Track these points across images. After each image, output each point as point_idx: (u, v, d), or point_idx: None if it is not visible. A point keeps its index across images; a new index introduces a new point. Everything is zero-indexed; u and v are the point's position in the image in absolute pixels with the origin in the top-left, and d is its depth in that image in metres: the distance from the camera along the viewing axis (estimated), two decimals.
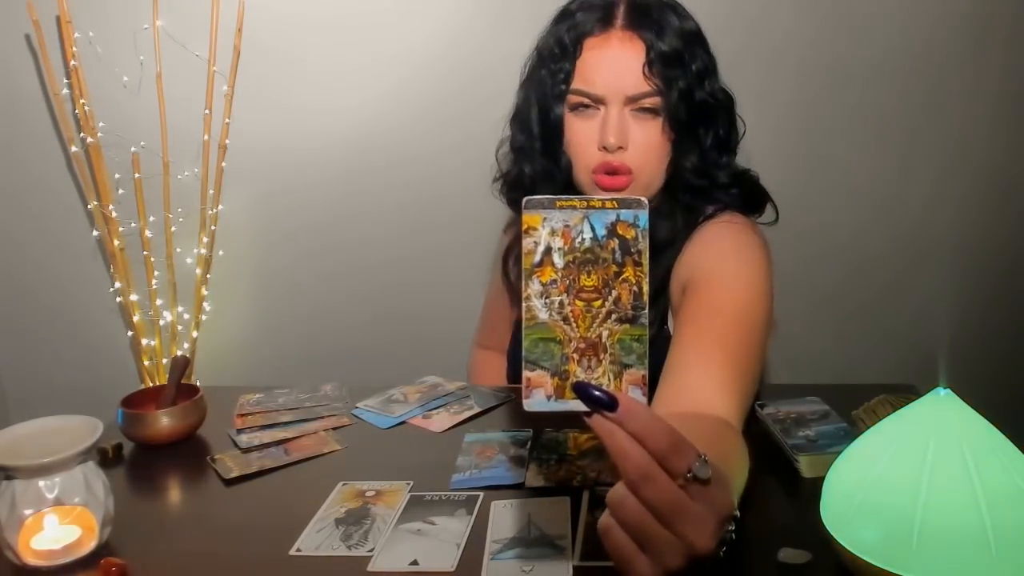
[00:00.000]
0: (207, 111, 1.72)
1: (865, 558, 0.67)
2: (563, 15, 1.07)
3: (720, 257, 1.02)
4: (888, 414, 0.74)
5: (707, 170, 1.07)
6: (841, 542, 0.69)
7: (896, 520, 0.65)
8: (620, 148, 1.02)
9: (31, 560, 0.82)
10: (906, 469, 0.66)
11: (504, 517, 0.87)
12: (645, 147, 1.03)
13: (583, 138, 1.04)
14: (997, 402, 0.97)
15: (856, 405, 1.06)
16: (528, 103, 1.10)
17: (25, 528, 0.81)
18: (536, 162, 1.10)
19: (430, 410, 1.16)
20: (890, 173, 1.80)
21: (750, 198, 1.11)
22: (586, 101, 1.03)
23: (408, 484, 0.95)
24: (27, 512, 0.81)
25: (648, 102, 1.02)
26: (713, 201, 1.09)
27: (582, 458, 0.98)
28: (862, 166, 1.80)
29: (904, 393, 1.08)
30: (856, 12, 1.72)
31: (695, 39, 1.05)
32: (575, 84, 1.04)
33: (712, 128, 1.07)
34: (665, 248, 1.07)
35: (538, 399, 0.59)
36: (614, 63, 1.02)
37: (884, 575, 0.65)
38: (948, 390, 0.70)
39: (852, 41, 1.73)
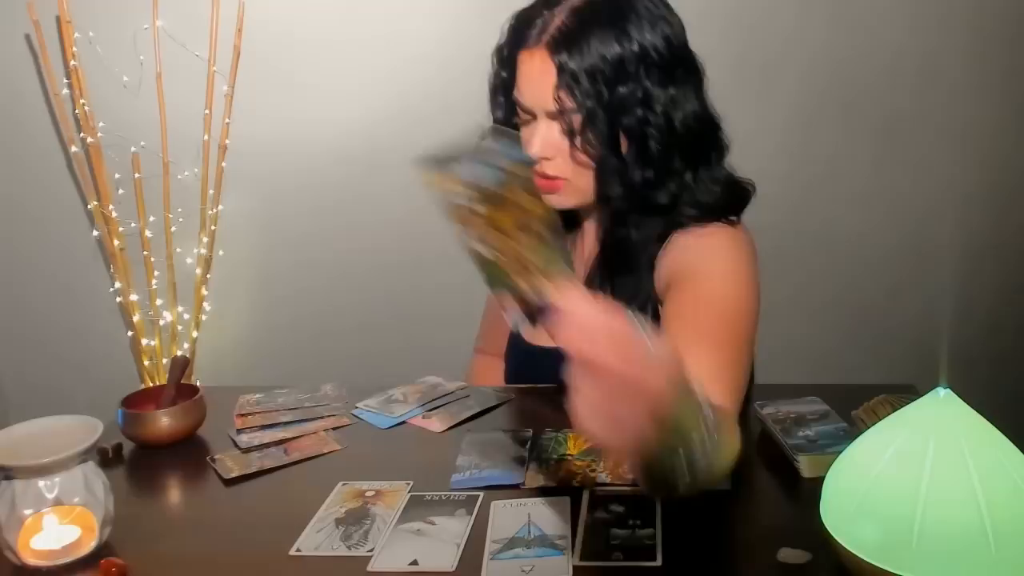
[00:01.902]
0: (207, 111, 1.72)
1: (865, 558, 0.67)
2: (513, 20, 1.10)
3: (703, 253, 1.05)
4: (888, 414, 0.74)
5: (637, 194, 1.05)
6: (841, 542, 0.69)
7: (896, 520, 0.65)
8: (545, 159, 1.05)
9: (31, 560, 0.82)
10: (906, 469, 0.66)
11: (504, 517, 0.87)
12: (570, 159, 1.05)
13: (525, 141, 1.08)
14: (997, 402, 0.97)
15: (856, 405, 1.06)
16: (490, 107, 1.16)
17: (25, 528, 0.81)
18: None
19: (430, 410, 1.16)
20: (891, 174, 1.80)
21: (724, 206, 1.10)
22: (523, 112, 1.08)
23: (408, 484, 0.95)
24: (27, 512, 0.81)
25: (565, 120, 1.03)
26: (674, 216, 1.08)
27: (582, 458, 0.98)
28: (863, 167, 1.80)
29: (904, 393, 1.07)
30: (859, 14, 1.72)
31: (630, 64, 1.01)
32: (515, 93, 1.07)
33: (644, 153, 1.04)
34: (638, 254, 1.09)
35: (515, 316, 0.72)
36: (535, 80, 1.04)
37: (884, 575, 0.65)
38: (948, 390, 0.70)
39: (854, 43, 1.73)
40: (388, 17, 1.74)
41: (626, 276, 1.09)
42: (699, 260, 1.04)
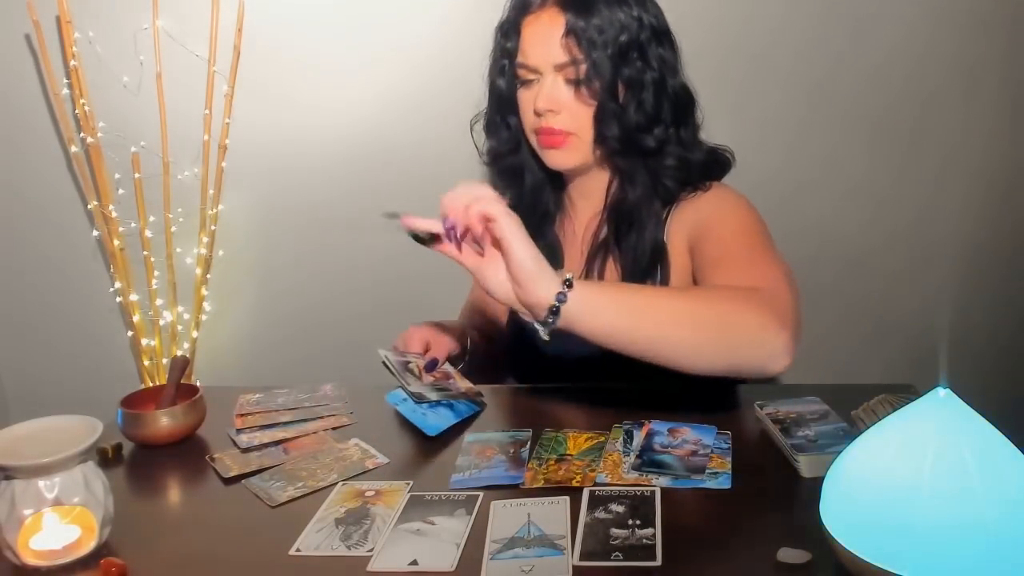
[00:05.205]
0: (207, 111, 1.72)
1: (865, 558, 0.67)
2: None
3: (710, 209, 1.19)
4: (888, 414, 0.74)
5: (630, 136, 1.17)
6: (841, 542, 0.69)
7: (896, 520, 0.65)
8: (551, 112, 1.16)
9: (31, 560, 0.82)
10: (906, 469, 0.66)
11: (503, 517, 0.87)
12: (576, 110, 1.16)
13: (526, 105, 1.20)
14: (997, 402, 0.97)
15: (856, 405, 1.06)
16: (490, 80, 1.27)
17: (25, 528, 0.81)
18: (499, 134, 1.28)
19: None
20: (890, 172, 1.80)
21: (706, 172, 1.23)
22: (527, 74, 1.18)
23: (408, 484, 0.95)
24: (26, 512, 0.81)
25: (573, 70, 1.15)
26: (659, 167, 1.21)
27: (582, 458, 0.98)
28: (862, 165, 1.80)
29: (904, 393, 1.07)
30: (859, 15, 1.72)
31: (630, 25, 1.15)
32: (520, 58, 1.19)
33: (638, 99, 1.17)
34: (639, 211, 1.21)
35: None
36: (543, 36, 1.16)
37: (884, 575, 0.65)
38: (948, 390, 0.70)
39: (850, 40, 1.73)
40: (389, 17, 1.74)
41: (630, 233, 1.22)
42: (710, 215, 1.19)
